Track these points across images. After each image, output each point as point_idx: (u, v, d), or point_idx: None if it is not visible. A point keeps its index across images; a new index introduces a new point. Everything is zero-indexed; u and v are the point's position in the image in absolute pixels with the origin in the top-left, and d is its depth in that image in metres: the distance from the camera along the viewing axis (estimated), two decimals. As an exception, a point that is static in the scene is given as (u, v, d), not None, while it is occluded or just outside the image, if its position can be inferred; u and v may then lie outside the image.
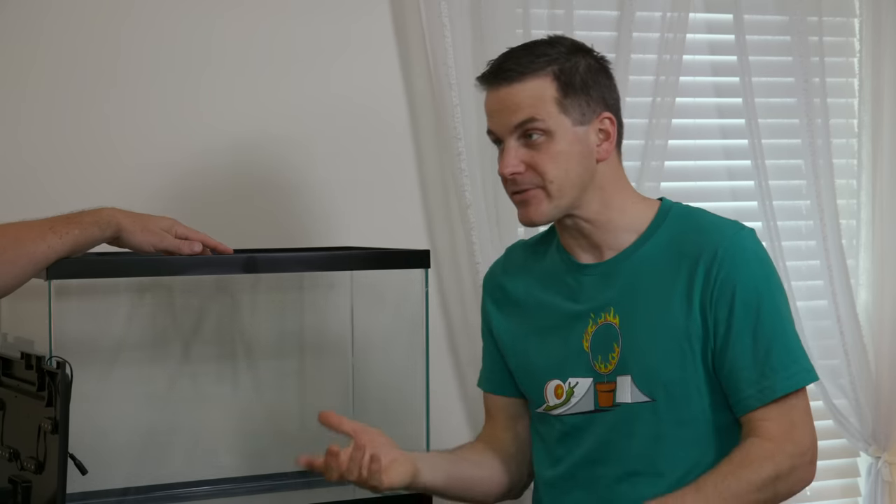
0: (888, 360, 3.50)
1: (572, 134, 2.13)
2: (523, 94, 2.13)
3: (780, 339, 2.11)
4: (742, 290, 2.10)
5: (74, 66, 2.79)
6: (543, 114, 2.12)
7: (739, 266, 2.11)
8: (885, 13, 3.47)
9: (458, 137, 2.99)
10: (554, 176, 2.13)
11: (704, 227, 2.16)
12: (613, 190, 2.18)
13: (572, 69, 2.14)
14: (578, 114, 2.13)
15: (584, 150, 2.15)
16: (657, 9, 3.22)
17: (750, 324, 2.09)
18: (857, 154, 3.53)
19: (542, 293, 2.26)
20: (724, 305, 2.10)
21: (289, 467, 2.86)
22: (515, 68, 2.14)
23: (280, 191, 2.96)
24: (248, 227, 2.90)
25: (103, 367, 2.71)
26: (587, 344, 2.17)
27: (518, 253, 2.37)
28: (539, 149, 2.13)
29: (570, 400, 2.18)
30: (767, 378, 2.09)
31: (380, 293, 2.87)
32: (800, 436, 2.10)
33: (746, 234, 2.15)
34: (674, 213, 2.19)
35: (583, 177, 2.14)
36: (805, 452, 2.11)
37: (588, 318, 2.18)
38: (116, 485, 2.67)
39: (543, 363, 2.24)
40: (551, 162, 2.12)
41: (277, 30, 2.95)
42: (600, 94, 2.16)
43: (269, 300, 2.89)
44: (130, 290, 2.74)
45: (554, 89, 2.12)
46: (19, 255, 2.18)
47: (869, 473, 3.54)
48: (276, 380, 2.88)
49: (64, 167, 2.78)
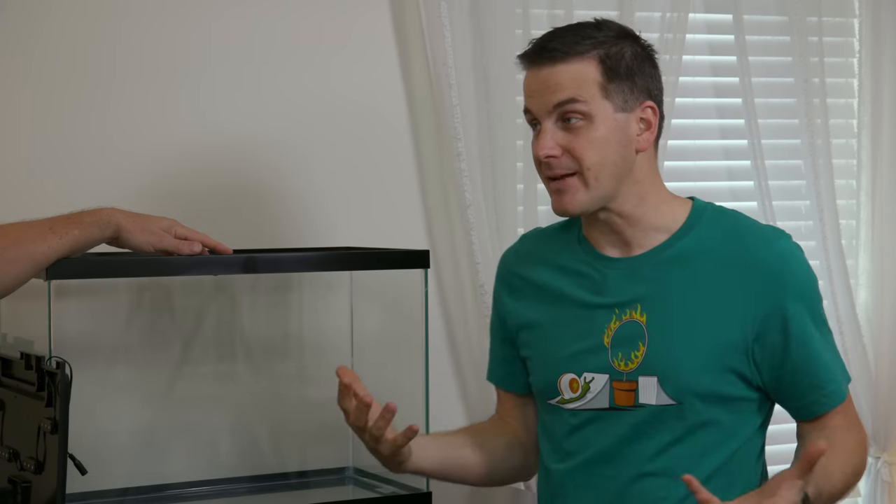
0: (888, 360, 3.50)
1: (613, 120, 2.06)
2: (566, 74, 2.05)
3: (827, 346, 2.12)
4: (795, 305, 2.07)
5: (74, 65, 2.79)
6: (586, 96, 2.04)
7: (789, 280, 2.08)
8: (885, 13, 3.47)
9: (458, 137, 2.99)
10: (591, 162, 2.05)
11: (746, 233, 2.12)
12: (649, 185, 2.12)
13: (618, 54, 2.08)
14: (621, 100, 2.07)
15: (623, 139, 2.07)
16: (657, 9, 3.23)
17: (807, 337, 2.08)
18: (857, 154, 3.53)
19: (561, 283, 2.18)
20: (777, 322, 2.07)
21: (289, 467, 2.86)
22: (560, 48, 2.06)
23: (280, 191, 2.97)
24: (247, 227, 2.90)
25: (103, 367, 2.71)
26: (608, 339, 2.11)
27: (533, 241, 2.28)
28: (577, 133, 2.05)
29: (586, 395, 2.12)
30: (833, 382, 2.11)
31: (380, 293, 2.87)
32: (864, 432, 2.18)
33: (786, 241, 2.14)
34: (708, 215, 2.14)
35: (620, 166, 2.07)
36: (867, 444, 2.20)
37: (612, 312, 2.11)
38: (116, 485, 2.67)
39: (559, 355, 2.16)
40: (590, 147, 2.04)
41: (277, 30, 2.95)
42: (645, 82, 2.10)
43: (268, 300, 2.89)
44: (130, 290, 2.75)
45: (598, 73, 2.06)
46: (19, 255, 2.18)
47: (869, 473, 3.54)
48: (276, 380, 2.88)
49: (64, 167, 2.78)
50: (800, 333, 2.07)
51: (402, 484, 2.70)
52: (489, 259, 3.02)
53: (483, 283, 2.99)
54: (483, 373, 2.39)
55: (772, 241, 2.12)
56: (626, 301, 2.11)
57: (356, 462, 2.87)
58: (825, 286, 3.39)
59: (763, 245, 2.10)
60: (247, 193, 2.93)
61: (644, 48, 2.14)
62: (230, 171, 2.92)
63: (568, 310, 2.16)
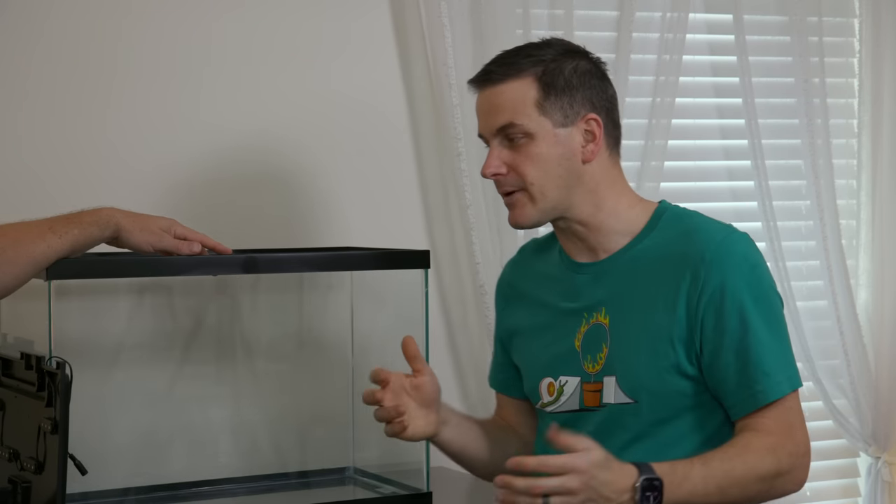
0: (888, 360, 3.50)
1: (553, 136, 2.13)
2: (504, 95, 2.14)
3: (769, 343, 2.09)
4: (730, 296, 2.08)
5: (75, 65, 2.79)
6: (523, 117, 2.12)
7: (727, 271, 2.09)
8: (885, 13, 3.47)
9: (458, 137, 2.99)
10: (534, 178, 2.13)
11: (694, 231, 2.15)
12: (606, 192, 2.17)
13: (556, 70, 2.14)
14: (560, 115, 2.13)
15: (566, 152, 2.14)
16: (657, 9, 3.23)
17: (739, 330, 2.08)
18: (857, 154, 3.53)
19: (542, 291, 2.27)
20: (712, 312, 2.08)
21: (289, 467, 2.86)
22: (499, 70, 2.15)
23: (280, 191, 2.96)
24: (247, 227, 2.90)
25: (103, 367, 2.71)
26: (578, 343, 2.18)
27: (528, 252, 2.38)
28: (520, 150, 2.13)
29: (560, 398, 2.19)
30: (759, 383, 2.08)
31: (380, 293, 2.87)
32: (799, 437, 2.09)
33: (737, 237, 2.13)
34: (667, 216, 2.18)
35: (566, 178, 2.14)
36: (805, 454, 2.10)
37: (581, 317, 2.19)
38: (116, 485, 2.67)
39: (539, 360, 2.25)
40: (531, 163, 2.13)
41: (277, 30, 2.95)
42: (586, 95, 2.15)
43: (269, 300, 2.89)
44: (130, 290, 2.74)
45: (535, 90, 2.13)
46: (19, 255, 2.18)
47: (869, 473, 3.54)
48: (276, 380, 2.88)
49: (64, 167, 2.78)
50: (736, 322, 2.08)
51: (402, 484, 2.70)
52: (489, 259, 3.02)
53: (483, 284, 2.99)
54: (483, 372, 2.42)
55: (716, 235, 2.13)
56: (592, 304, 2.18)
57: (356, 462, 2.88)
58: (825, 286, 3.39)
59: (708, 239, 2.12)
60: (247, 194, 2.93)
61: (591, 62, 2.19)
62: (230, 171, 2.92)
63: (546, 316, 2.25)
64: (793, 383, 2.10)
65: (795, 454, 2.08)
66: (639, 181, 3.16)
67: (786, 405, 2.09)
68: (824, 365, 3.41)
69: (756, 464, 2.04)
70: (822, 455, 3.55)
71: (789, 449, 2.08)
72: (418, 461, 2.63)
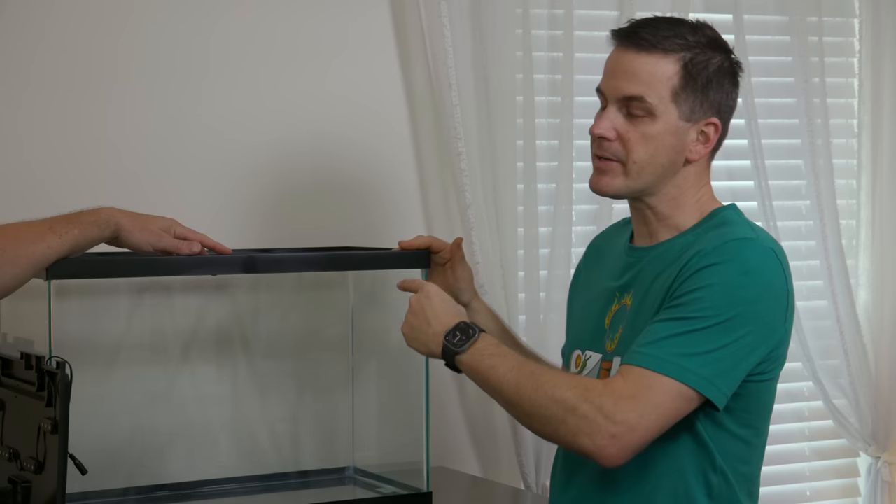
0: (888, 360, 3.50)
1: (674, 125, 2.09)
2: (646, 67, 2.08)
3: (688, 333, 1.99)
4: (694, 282, 2.02)
5: (75, 65, 2.79)
6: (655, 97, 2.07)
7: (709, 266, 2.02)
8: (885, 13, 3.47)
9: (458, 137, 2.99)
10: (639, 157, 2.09)
11: (714, 229, 2.11)
12: (690, 193, 2.15)
13: (702, 63, 2.09)
14: (688, 109, 2.09)
15: (677, 145, 2.10)
16: (657, 9, 3.22)
17: (673, 306, 2.02)
18: (857, 154, 3.53)
19: (601, 267, 2.27)
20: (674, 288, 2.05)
21: (289, 467, 2.86)
22: (650, 38, 2.08)
23: (280, 191, 2.96)
24: (247, 227, 2.90)
25: (103, 367, 2.71)
26: (608, 321, 2.17)
27: (615, 226, 2.38)
28: (636, 124, 2.08)
29: (582, 373, 2.17)
30: (642, 346, 2.00)
31: (380, 293, 2.87)
32: (625, 408, 1.95)
33: (744, 244, 2.06)
34: (713, 221, 2.14)
35: (666, 168, 2.11)
36: (615, 422, 1.94)
37: (614, 296, 2.18)
38: (116, 485, 2.67)
39: (575, 333, 2.27)
40: (643, 142, 2.09)
41: (277, 30, 2.95)
42: (718, 98, 2.11)
43: (269, 300, 2.89)
44: (130, 290, 2.75)
45: (677, 76, 2.08)
46: (19, 256, 2.18)
47: (869, 473, 3.54)
48: (276, 380, 2.88)
49: (64, 167, 2.78)
50: (667, 307, 2.03)
51: (402, 484, 2.70)
52: (489, 259, 3.02)
53: (483, 283, 2.99)
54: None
55: (730, 236, 2.07)
56: (624, 286, 2.17)
57: (356, 462, 2.88)
58: (825, 286, 3.39)
59: (716, 237, 2.08)
60: (246, 194, 2.93)
61: (732, 63, 2.14)
62: (229, 171, 2.92)
63: (594, 291, 2.25)
64: (668, 370, 1.97)
65: (604, 411, 1.95)
66: (639, 181, 3.16)
67: (645, 380, 1.97)
68: (824, 365, 3.42)
69: (561, 385, 1.98)
70: (822, 455, 3.56)
71: (604, 403, 1.95)
72: (418, 461, 2.63)
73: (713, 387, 1.99)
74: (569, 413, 1.96)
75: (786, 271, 2.07)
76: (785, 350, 2.13)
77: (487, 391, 2.08)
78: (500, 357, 2.05)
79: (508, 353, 2.06)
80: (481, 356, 2.06)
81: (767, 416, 2.15)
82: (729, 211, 2.16)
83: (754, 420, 2.11)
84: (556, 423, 1.97)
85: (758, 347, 2.04)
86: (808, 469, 3.56)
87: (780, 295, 2.06)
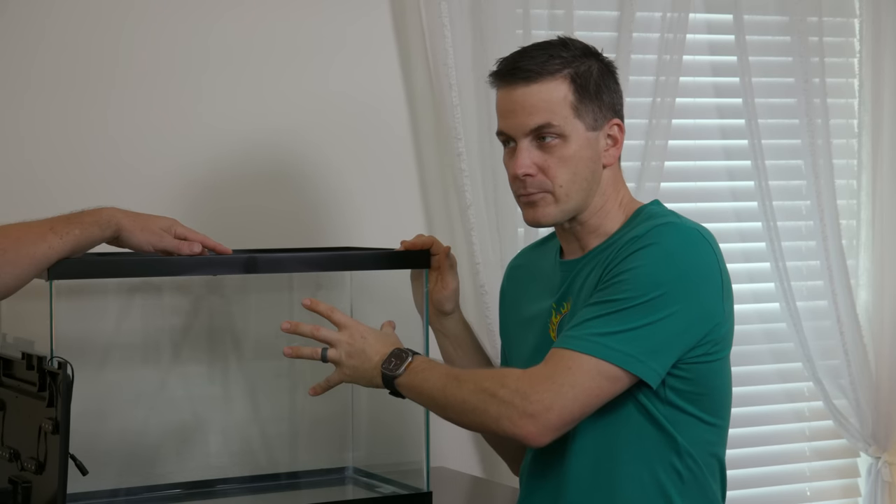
0: (888, 360, 3.50)
1: (585, 139, 2.13)
2: (540, 95, 2.12)
3: (611, 314, 2.02)
4: (620, 267, 2.05)
5: (76, 65, 2.79)
6: (560, 119, 2.11)
7: (635, 252, 2.05)
8: (885, 13, 3.47)
9: (458, 137, 2.99)
10: (563, 181, 2.13)
11: (641, 221, 2.14)
12: (613, 198, 2.19)
13: (587, 73, 2.13)
14: (591, 119, 2.13)
15: (593, 156, 2.15)
16: (657, 9, 3.23)
17: (600, 290, 2.06)
18: (857, 154, 3.53)
19: (532, 288, 2.30)
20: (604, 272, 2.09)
21: (289, 467, 2.86)
22: (533, 68, 2.12)
23: (280, 191, 2.97)
24: (247, 227, 2.90)
25: (104, 367, 2.71)
26: (553, 333, 2.19)
27: (531, 246, 2.42)
28: (552, 152, 2.12)
29: None
30: (567, 330, 2.05)
31: (380, 293, 2.87)
32: (542, 388, 2.01)
33: (668, 227, 2.08)
34: (639, 219, 2.17)
35: (590, 181, 2.15)
36: (531, 401, 2.00)
37: (552, 309, 2.21)
38: (117, 485, 2.67)
39: (519, 354, 2.28)
40: (562, 166, 2.12)
41: (278, 30, 2.95)
42: (610, 99, 2.16)
43: (268, 300, 2.89)
44: (131, 290, 2.74)
45: (570, 93, 2.12)
46: (20, 256, 2.18)
47: (869, 473, 3.54)
48: (276, 380, 2.88)
49: (65, 167, 2.78)
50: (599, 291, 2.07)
51: (402, 484, 2.70)
52: (489, 259, 3.02)
53: (483, 284, 2.99)
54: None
55: (656, 222, 2.10)
56: (561, 297, 2.20)
57: (356, 462, 2.88)
58: (825, 286, 3.39)
59: (642, 224, 2.11)
60: (247, 194, 2.93)
61: (606, 64, 2.19)
62: (230, 171, 2.92)
63: (531, 310, 2.27)
64: (587, 349, 2.01)
65: (519, 393, 2.01)
66: (639, 181, 3.16)
67: (564, 361, 2.02)
68: (824, 365, 3.42)
69: (482, 378, 2.07)
70: (823, 455, 3.56)
71: (520, 386, 2.01)
72: (418, 461, 2.63)
73: (640, 364, 2.02)
74: (490, 400, 2.03)
75: (715, 251, 2.10)
76: (729, 330, 2.13)
77: (424, 404, 2.17)
78: (431, 370, 2.12)
79: (439, 365, 2.14)
80: (415, 373, 2.12)
81: (726, 399, 2.17)
82: (653, 206, 2.20)
83: (710, 403, 2.13)
84: (480, 413, 2.05)
85: (693, 325, 2.06)
86: (809, 469, 3.56)
87: (711, 273, 2.08)
